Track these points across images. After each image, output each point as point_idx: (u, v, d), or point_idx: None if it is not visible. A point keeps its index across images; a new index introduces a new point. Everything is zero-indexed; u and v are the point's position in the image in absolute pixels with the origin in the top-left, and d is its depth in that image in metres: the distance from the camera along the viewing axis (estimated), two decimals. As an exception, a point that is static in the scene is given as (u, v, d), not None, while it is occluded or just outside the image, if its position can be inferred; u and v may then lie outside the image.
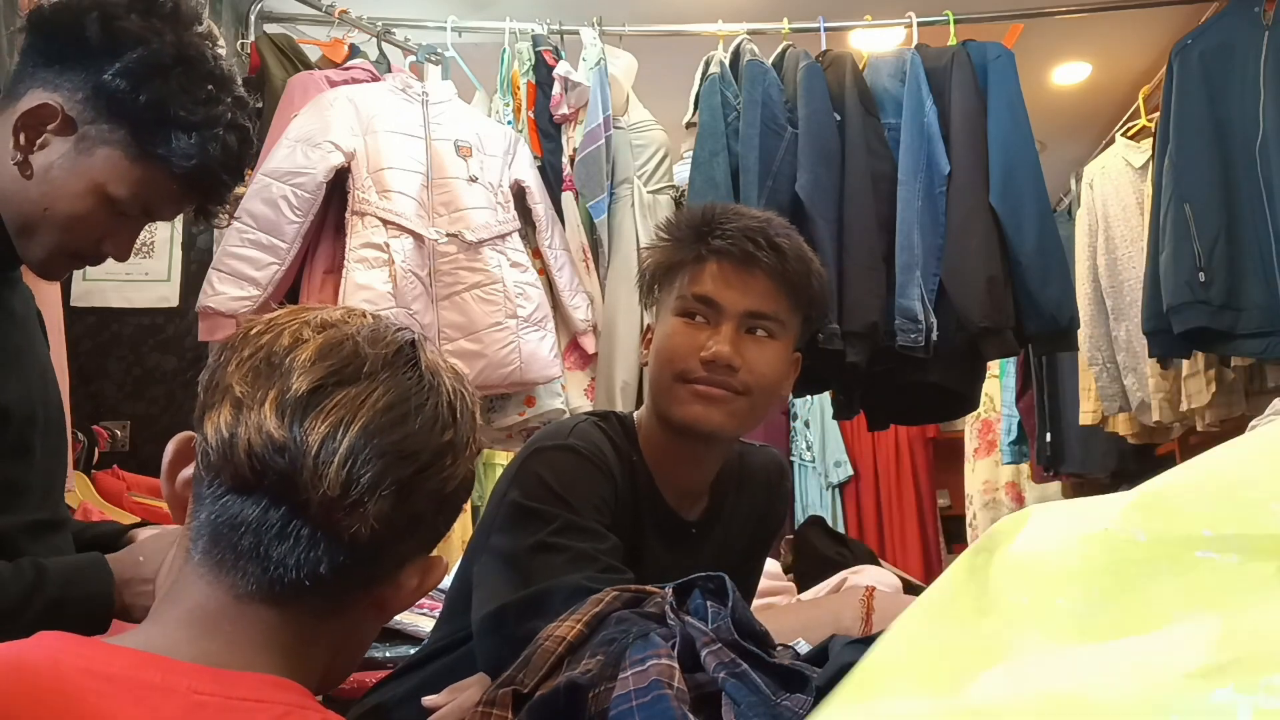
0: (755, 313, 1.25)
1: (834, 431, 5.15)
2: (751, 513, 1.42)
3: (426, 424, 0.69)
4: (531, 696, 0.79)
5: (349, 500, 0.66)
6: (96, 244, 1.15)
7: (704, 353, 1.22)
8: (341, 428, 0.66)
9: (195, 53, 1.12)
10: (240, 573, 0.67)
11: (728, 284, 1.24)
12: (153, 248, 2.51)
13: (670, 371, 1.24)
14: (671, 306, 1.27)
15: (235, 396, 0.67)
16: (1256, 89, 2.58)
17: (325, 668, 0.75)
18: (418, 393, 0.70)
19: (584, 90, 2.69)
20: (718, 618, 0.83)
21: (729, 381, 1.22)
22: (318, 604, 0.70)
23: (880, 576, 2.39)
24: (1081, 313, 3.03)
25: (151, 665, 0.63)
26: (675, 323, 1.25)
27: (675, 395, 1.24)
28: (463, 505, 0.75)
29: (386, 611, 0.75)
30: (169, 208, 1.17)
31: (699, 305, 1.24)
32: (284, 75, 2.54)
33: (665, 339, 1.26)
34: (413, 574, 0.74)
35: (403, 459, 0.67)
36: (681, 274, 1.27)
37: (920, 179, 2.57)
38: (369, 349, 0.70)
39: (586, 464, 1.22)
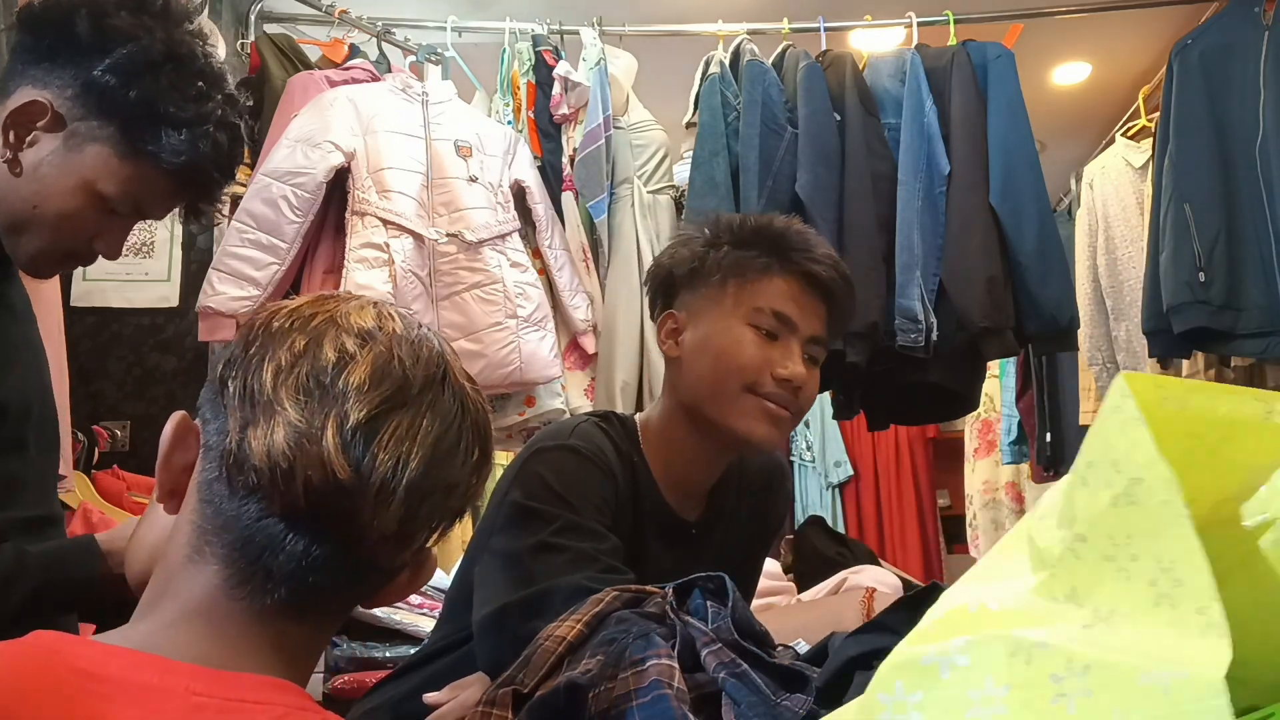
0: (816, 338, 1.28)
1: (834, 431, 5.15)
2: (752, 514, 1.42)
3: (465, 451, 0.70)
4: (531, 696, 0.79)
5: (401, 537, 0.67)
6: (87, 242, 1.15)
7: (781, 370, 1.24)
8: (400, 465, 0.65)
9: (186, 50, 1.11)
10: (266, 590, 0.66)
11: (802, 306, 1.27)
12: (153, 248, 2.51)
13: (739, 380, 1.24)
14: (740, 314, 1.26)
15: (291, 421, 0.64)
16: (1256, 89, 2.58)
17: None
18: (457, 419, 0.69)
19: (584, 90, 2.69)
20: (718, 618, 0.83)
21: (794, 401, 1.26)
22: (331, 616, 0.71)
23: (880, 576, 2.38)
24: (1081, 313, 3.03)
25: (149, 665, 0.62)
26: (747, 332, 1.25)
27: (741, 407, 1.24)
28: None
29: (374, 606, 0.76)
30: (160, 206, 1.16)
31: (774, 321, 1.25)
32: (284, 75, 2.54)
33: (735, 346, 1.25)
34: (405, 569, 0.74)
35: (450, 491, 0.68)
36: (754, 282, 1.27)
37: (920, 179, 2.57)
38: (413, 369, 0.69)
39: (587, 464, 1.22)
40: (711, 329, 1.28)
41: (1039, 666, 0.39)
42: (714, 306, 1.28)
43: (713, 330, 1.28)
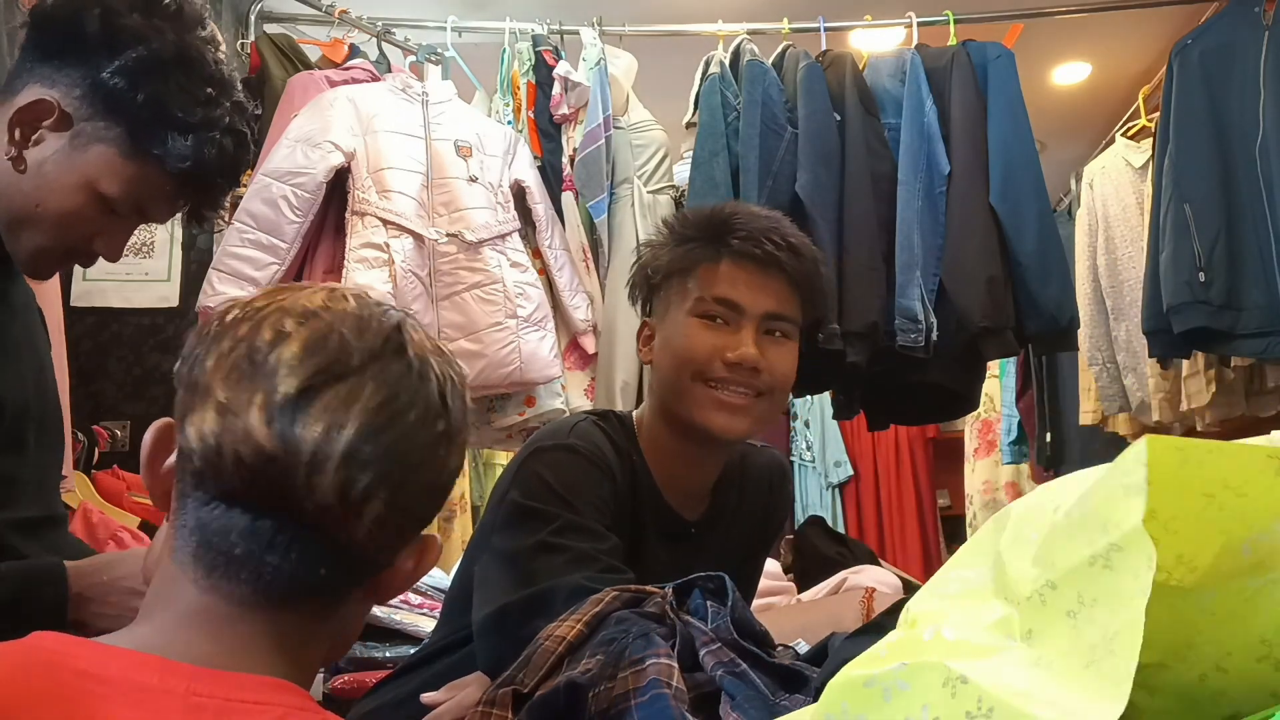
0: (774, 314, 1.26)
1: (834, 431, 5.15)
2: (753, 514, 1.42)
3: (419, 419, 0.67)
4: (531, 696, 0.79)
5: (345, 507, 0.64)
6: (88, 242, 1.14)
7: (730, 354, 1.22)
8: (334, 431, 0.64)
9: (196, 54, 1.11)
10: (235, 579, 0.66)
11: (748, 286, 1.24)
12: (152, 248, 2.51)
13: (689, 372, 1.24)
14: (687, 308, 1.26)
15: (218, 400, 0.64)
16: (1256, 89, 2.58)
17: (324, 657, 0.74)
18: (408, 385, 0.67)
19: (584, 90, 2.69)
20: (717, 618, 0.83)
21: (752, 383, 1.24)
22: (317, 605, 0.69)
23: (880, 576, 2.38)
24: (1081, 313, 3.02)
25: (149, 666, 0.62)
26: (693, 323, 1.25)
27: (695, 398, 1.24)
28: (452, 487, 0.74)
29: (382, 597, 0.74)
30: (162, 209, 1.16)
31: (718, 307, 1.24)
32: (284, 75, 2.54)
33: (683, 339, 1.25)
34: (408, 558, 0.72)
35: (397, 460, 0.66)
36: (695, 275, 1.26)
37: (920, 179, 2.57)
38: (356, 341, 0.67)
39: (587, 463, 1.22)
40: (669, 329, 1.28)
41: (959, 701, 0.43)
42: (670, 307, 1.29)
43: (669, 330, 1.28)
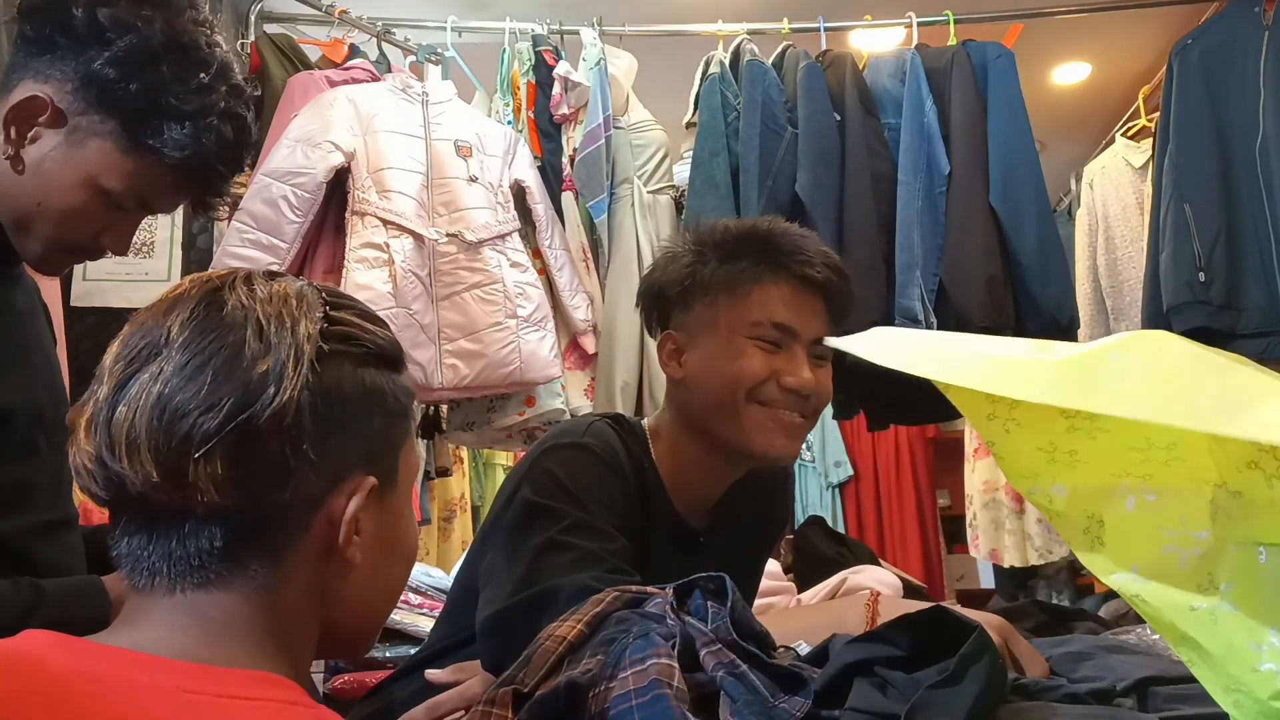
0: (819, 339, 1.26)
1: (834, 431, 5.15)
2: (756, 518, 1.42)
3: (226, 367, 0.65)
4: (531, 696, 0.79)
5: (176, 476, 0.64)
6: (94, 238, 1.13)
7: (789, 380, 1.22)
8: (139, 413, 0.64)
9: (188, 40, 1.09)
10: (163, 577, 0.67)
11: (802, 310, 1.24)
12: (153, 248, 2.51)
13: (743, 393, 1.22)
14: (741, 330, 1.24)
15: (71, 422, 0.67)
16: (1256, 89, 2.58)
17: (327, 635, 0.73)
18: (216, 338, 0.66)
19: (584, 90, 2.69)
20: (717, 618, 0.83)
21: (804, 407, 1.24)
22: (254, 577, 0.68)
23: (880, 576, 2.38)
24: (1081, 313, 3.03)
25: (140, 664, 0.62)
26: (747, 345, 1.23)
27: (750, 420, 1.23)
28: (349, 416, 0.70)
29: (340, 550, 0.70)
30: (165, 200, 1.14)
31: (775, 331, 1.23)
32: (284, 75, 2.54)
33: (740, 363, 1.23)
34: (338, 499, 0.70)
35: (206, 412, 0.64)
36: (750, 296, 1.24)
37: (920, 179, 2.57)
38: (169, 318, 0.67)
39: (600, 463, 1.22)
40: (714, 348, 1.25)
41: None
42: (712, 324, 1.26)
43: (715, 349, 1.25)
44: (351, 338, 0.72)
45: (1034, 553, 4.54)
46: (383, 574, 0.75)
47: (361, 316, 0.75)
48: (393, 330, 0.80)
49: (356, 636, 0.76)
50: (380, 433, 0.73)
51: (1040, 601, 1.46)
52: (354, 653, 0.79)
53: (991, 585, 5.20)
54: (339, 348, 0.70)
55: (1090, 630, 1.24)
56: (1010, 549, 4.57)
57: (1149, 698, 0.78)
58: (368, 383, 0.72)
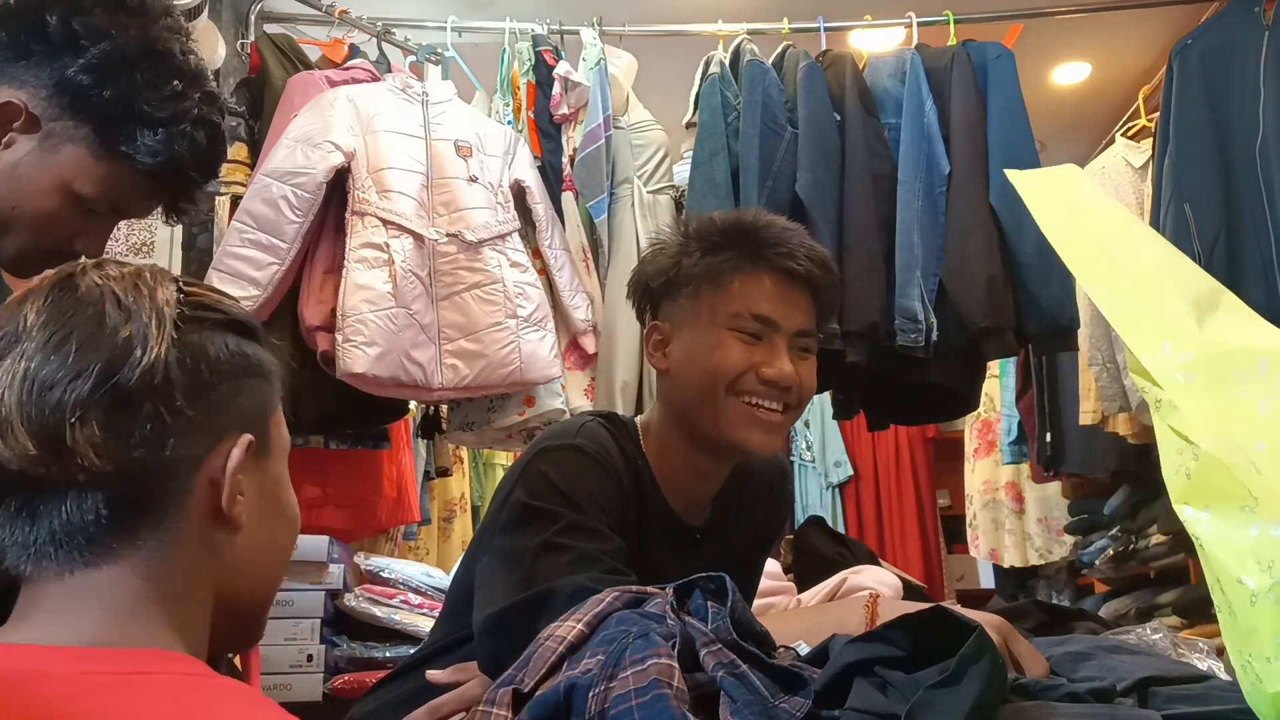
0: (804, 331, 1.26)
1: (834, 431, 5.15)
2: (754, 516, 1.41)
3: (89, 336, 0.67)
4: (532, 696, 0.79)
5: (53, 445, 0.64)
6: (68, 241, 1.13)
7: (768, 372, 1.22)
8: (6, 392, 0.65)
9: (162, 47, 1.09)
10: (45, 558, 0.67)
11: (784, 302, 1.24)
12: (152, 248, 2.51)
13: (722, 384, 1.23)
14: (720, 320, 1.24)
15: None
16: (1256, 89, 2.58)
17: (224, 606, 0.73)
18: (75, 314, 0.67)
19: (584, 90, 2.69)
20: (717, 618, 0.83)
21: (784, 399, 1.24)
22: (141, 547, 0.68)
23: (880, 576, 2.38)
24: (1081, 313, 3.02)
25: (36, 656, 0.63)
26: (727, 336, 1.23)
27: (729, 413, 1.23)
28: (219, 377, 0.71)
29: (226, 509, 0.71)
30: (138, 205, 1.15)
31: (755, 323, 1.23)
32: (284, 75, 2.54)
33: (715, 353, 1.23)
34: (218, 460, 0.71)
35: (76, 379, 0.65)
36: (730, 287, 1.24)
37: (920, 179, 2.57)
38: (24, 308, 0.68)
39: (593, 464, 1.21)
40: (695, 339, 1.26)
41: None
42: (694, 315, 1.26)
43: (696, 340, 1.26)
44: (208, 306, 0.73)
45: (1034, 553, 4.54)
46: (269, 538, 0.76)
47: (208, 289, 0.76)
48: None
49: (252, 605, 0.77)
50: (250, 396, 0.74)
51: (1040, 601, 1.46)
52: (249, 629, 0.79)
53: (991, 585, 5.20)
54: (198, 314, 0.72)
55: (1090, 630, 1.24)
56: (1010, 549, 4.58)
57: (1149, 698, 0.78)
58: (231, 346, 0.73)
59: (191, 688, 0.64)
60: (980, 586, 5.31)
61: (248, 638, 0.80)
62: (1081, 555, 4.29)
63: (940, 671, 0.70)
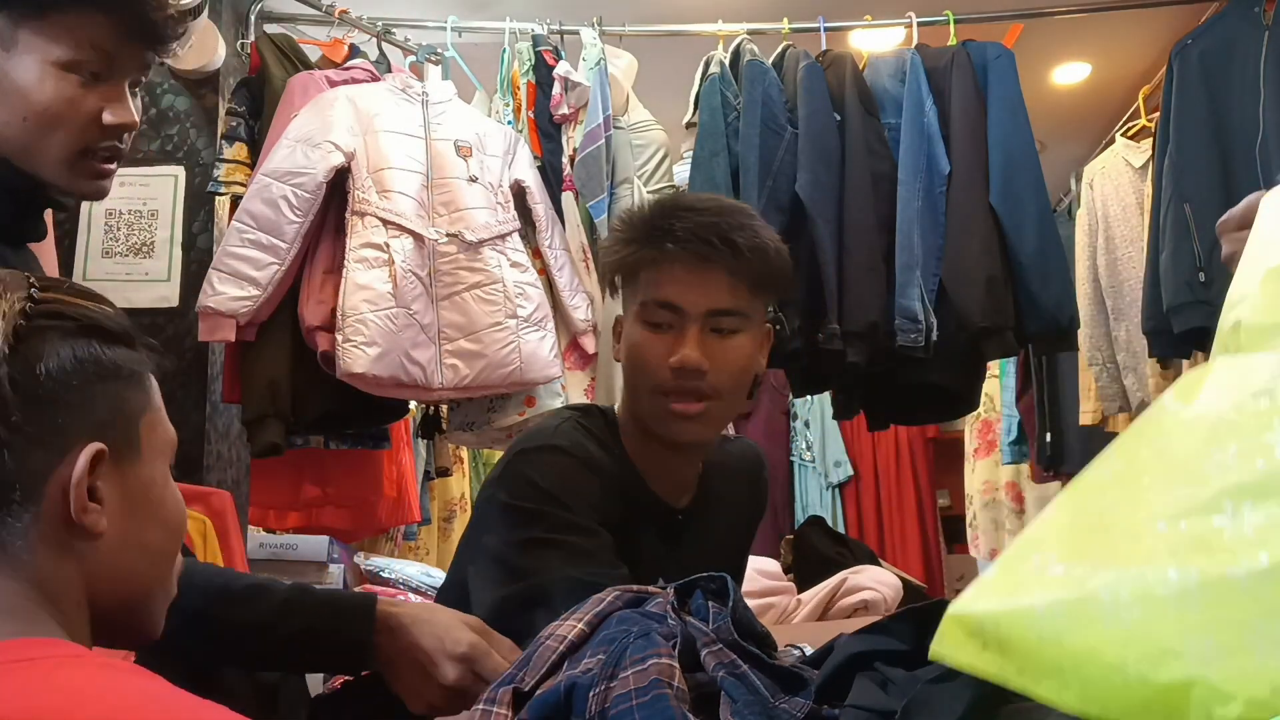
0: (717, 310, 1.23)
1: (834, 431, 5.15)
2: (735, 500, 1.42)
3: None
4: (532, 695, 0.79)
5: None
6: (96, 123, 1.14)
7: (672, 360, 1.21)
8: None
9: None
10: None
11: (688, 286, 1.22)
12: (152, 248, 2.51)
13: (645, 383, 1.24)
14: (635, 313, 1.25)
15: None
16: (1256, 89, 2.57)
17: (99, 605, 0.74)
18: None
19: (584, 90, 2.69)
20: (718, 618, 0.83)
21: (700, 388, 1.22)
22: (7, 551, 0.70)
23: (880, 576, 2.39)
24: (1081, 313, 3.02)
25: None
26: (640, 330, 1.25)
27: (654, 410, 1.24)
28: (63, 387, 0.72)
29: (76, 520, 0.71)
30: (117, 44, 1.14)
31: (661, 312, 1.23)
32: (284, 75, 2.54)
33: (633, 348, 1.25)
34: (66, 470, 0.71)
35: None
36: (638, 278, 1.25)
37: (920, 179, 2.57)
38: None
39: (573, 462, 1.22)
40: (625, 334, 1.28)
41: None
42: (626, 310, 1.29)
43: (625, 335, 1.28)
44: (58, 314, 0.74)
45: (1034, 553, 4.54)
46: (136, 540, 0.76)
47: (75, 294, 0.77)
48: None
49: (128, 605, 0.77)
50: (104, 402, 0.75)
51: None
52: (138, 625, 0.79)
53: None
54: (45, 323, 0.72)
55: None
56: (1010, 549, 4.58)
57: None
58: (79, 354, 0.73)
59: (80, 668, 0.66)
60: (980, 586, 5.31)
61: (140, 633, 0.80)
62: (1081, 555, 4.28)
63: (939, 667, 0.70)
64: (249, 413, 2.32)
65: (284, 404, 2.31)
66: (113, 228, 2.50)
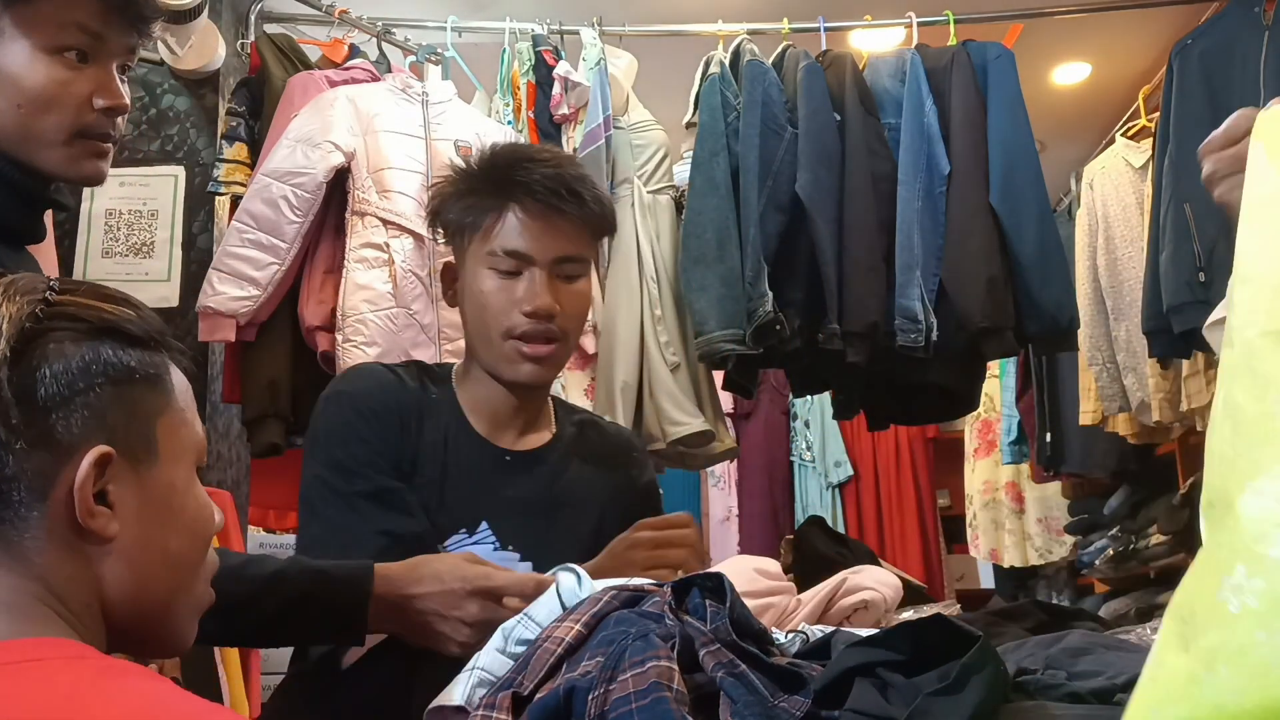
0: (564, 258, 1.31)
1: (834, 431, 5.15)
2: (597, 471, 1.42)
3: None
4: (531, 699, 0.79)
5: None
6: (88, 105, 1.15)
7: (525, 306, 1.27)
8: None
9: None
10: None
11: (537, 235, 1.29)
12: (152, 248, 2.51)
13: (495, 329, 1.29)
14: (482, 259, 1.30)
15: None
16: (1256, 89, 2.57)
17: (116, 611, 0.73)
18: None
19: (584, 90, 2.69)
20: (716, 618, 0.83)
21: (550, 330, 1.29)
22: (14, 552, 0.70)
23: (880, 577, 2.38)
24: (1081, 313, 3.02)
25: None
26: (488, 277, 1.30)
27: (505, 353, 1.30)
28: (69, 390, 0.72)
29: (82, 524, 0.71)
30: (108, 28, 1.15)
31: (509, 260, 1.29)
32: (284, 75, 2.54)
33: (481, 295, 1.30)
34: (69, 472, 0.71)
35: None
36: (483, 228, 1.30)
37: (920, 179, 2.57)
38: None
39: (352, 409, 1.30)
40: (467, 280, 1.33)
41: None
42: (464, 256, 1.34)
43: (468, 281, 1.33)
44: (72, 316, 0.73)
45: (1034, 553, 4.55)
46: (154, 545, 0.75)
47: (94, 297, 0.76)
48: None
49: (147, 612, 0.76)
50: (115, 404, 0.74)
51: (1040, 601, 1.46)
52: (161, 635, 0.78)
53: (991, 585, 5.20)
54: (57, 325, 0.72)
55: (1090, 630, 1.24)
56: (1010, 549, 4.58)
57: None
58: (89, 356, 0.73)
59: (83, 669, 0.65)
60: (980, 586, 5.31)
61: (166, 643, 0.79)
62: (1081, 555, 4.29)
63: (940, 678, 0.70)
64: (249, 413, 2.32)
65: (284, 404, 2.31)
66: (113, 228, 2.50)
